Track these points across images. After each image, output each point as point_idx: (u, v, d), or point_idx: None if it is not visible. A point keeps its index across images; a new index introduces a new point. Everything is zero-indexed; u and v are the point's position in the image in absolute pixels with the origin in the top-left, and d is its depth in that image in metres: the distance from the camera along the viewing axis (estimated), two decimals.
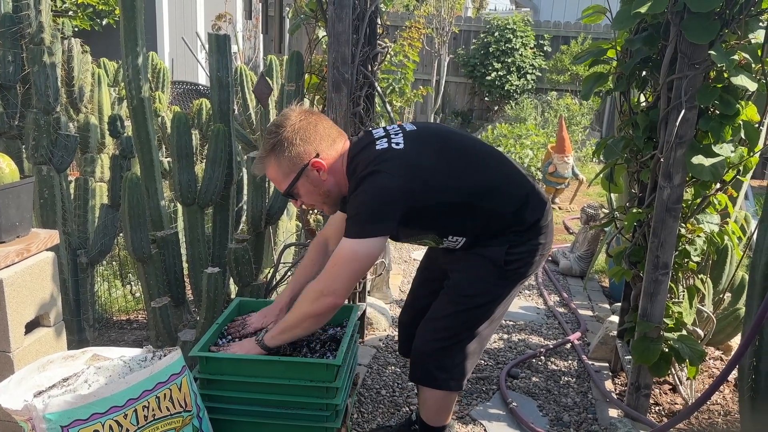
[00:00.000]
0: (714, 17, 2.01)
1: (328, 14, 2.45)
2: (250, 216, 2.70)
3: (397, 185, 1.71)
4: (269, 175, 1.85)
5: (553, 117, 8.20)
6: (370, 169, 1.73)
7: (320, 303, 1.75)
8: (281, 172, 1.80)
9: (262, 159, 1.83)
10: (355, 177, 1.77)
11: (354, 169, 1.80)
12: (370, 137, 1.85)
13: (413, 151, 1.79)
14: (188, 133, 2.60)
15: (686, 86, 2.05)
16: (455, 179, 1.80)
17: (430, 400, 2.01)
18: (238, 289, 2.60)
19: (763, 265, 1.98)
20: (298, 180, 1.80)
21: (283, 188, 1.83)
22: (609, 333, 2.94)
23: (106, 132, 3.48)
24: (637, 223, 2.43)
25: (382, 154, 1.77)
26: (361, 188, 1.73)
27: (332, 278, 1.74)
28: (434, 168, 1.78)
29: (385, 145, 1.79)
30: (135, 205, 2.48)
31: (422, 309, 2.04)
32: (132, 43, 2.55)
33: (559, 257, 4.42)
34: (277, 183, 1.85)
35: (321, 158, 1.79)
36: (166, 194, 3.11)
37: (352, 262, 1.72)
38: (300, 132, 1.78)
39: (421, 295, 2.15)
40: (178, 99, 6.88)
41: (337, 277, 1.74)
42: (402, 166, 1.74)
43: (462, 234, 1.87)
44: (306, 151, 1.79)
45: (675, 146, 2.11)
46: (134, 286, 3.41)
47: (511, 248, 1.86)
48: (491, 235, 1.87)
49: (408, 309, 2.21)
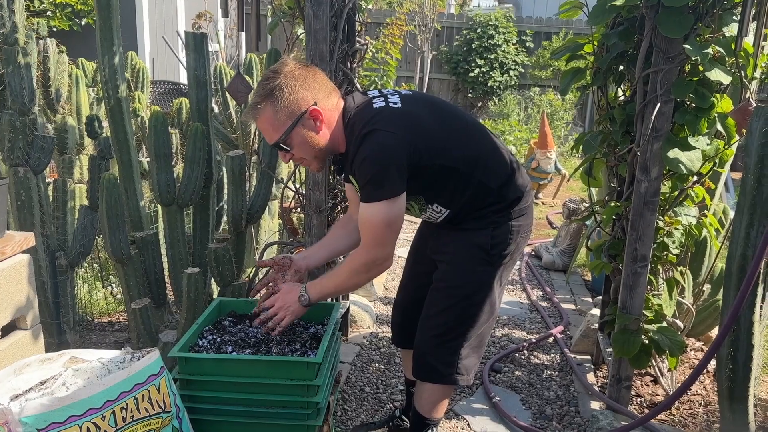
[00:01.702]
0: (688, 11, 2.03)
1: (306, 12, 2.44)
2: (231, 215, 2.69)
3: (399, 142, 1.70)
4: (261, 125, 1.76)
5: (536, 113, 8.23)
6: (369, 128, 1.71)
7: (375, 272, 1.82)
8: (276, 120, 1.73)
9: (255, 106, 1.74)
10: (354, 136, 1.74)
11: (351, 127, 1.77)
12: (366, 96, 1.85)
13: (411, 111, 1.79)
14: (166, 133, 2.58)
15: (662, 80, 2.07)
16: (450, 142, 1.81)
17: (427, 393, 2.01)
18: (220, 289, 2.59)
19: (739, 256, 2.00)
20: (293, 129, 1.73)
21: (276, 138, 1.75)
22: (591, 326, 2.96)
23: (85, 133, 3.44)
24: (615, 216, 2.45)
25: (380, 112, 1.76)
26: (363, 150, 1.70)
27: (379, 245, 1.76)
28: (431, 128, 1.79)
29: (383, 103, 1.79)
30: (113, 206, 2.46)
31: (415, 303, 2.05)
32: (108, 43, 2.53)
33: (542, 252, 4.44)
34: (269, 132, 1.76)
35: (318, 108, 1.75)
36: (146, 194, 3.08)
37: (390, 225, 1.73)
38: (299, 78, 1.73)
39: (412, 289, 2.14)
40: (159, 99, 6.83)
41: (383, 243, 1.76)
42: (401, 123, 1.74)
43: (447, 206, 1.86)
44: (304, 98, 1.73)
45: (651, 140, 2.12)
46: (115, 288, 3.38)
47: (494, 230, 1.88)
48: (474, 210, 1.86)
49: (399, 306, 2.20)
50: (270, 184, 2.85)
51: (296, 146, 1.77)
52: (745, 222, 1.97)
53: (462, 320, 1.92)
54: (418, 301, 2.04)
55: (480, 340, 1.97)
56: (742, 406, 2.06)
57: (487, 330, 1.99)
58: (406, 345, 2.16)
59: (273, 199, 3.43)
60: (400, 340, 2.22)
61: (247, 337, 2.01)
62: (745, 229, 1.97)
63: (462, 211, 1.87)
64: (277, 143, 1.76)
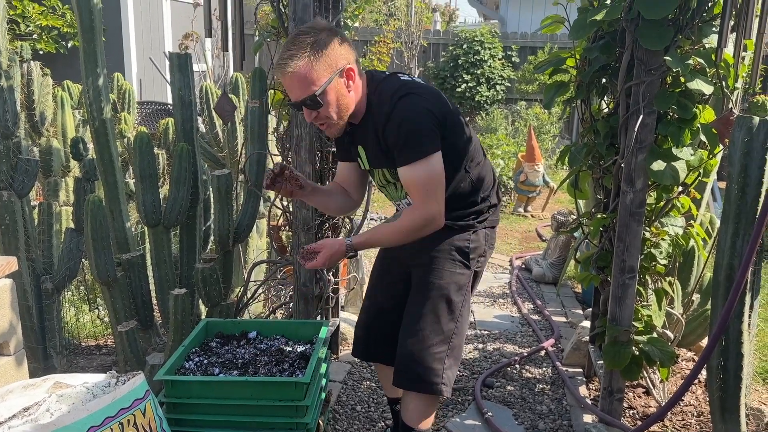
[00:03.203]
0: (668, 24, 2.05)
1: (289, 31, 2.45)
2: (218, 234, 2.67)
3: (432, 107, 1.77)
4: (295, 78, 1.71)
5: (523, 126, 8.28)
6: (404, 92, 1.77)
7: (429, 229, 1.81)
8: (314, 73, 1.70)
9: (293, 56, 1.69)
10: (385, 101, 1.78)
11: (379, 94, 1.81)
12: (390, 73, 1.92)
13: (438, 91, 1.89)
14: (151, 154, 2.57)
15: (644, 92, 2.09)
16: (462, 134, 1.88)
17: (413, 403, 1.98)
18: (208, 310, 2.56)
19: (726, 265, 2.00)
20: (330, 83, 1.72)
21: (312, 90, 1.71)
22: (581, 339, 2.95)
23: (70, 155, 3.43)
24: (602, 228, 2.45)
25: (412, 81, 1.83)
26: (400, 111, 1.74)
27: (433, 200, 1.78)
28: (453, 111, 1.87)
29: (408, 78, 1.86)
30: (98, 228, 2.44)
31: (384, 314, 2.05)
32: (92, 65, 2.52)
33: (533, 265, 4.44)
34: (304, 85, 1.71)
35: (353, 68, 1.77)
36: (132, 216, 3.06)
37: (436, 180, 1.77)
38: (337, 37, 1.74)
39: (382, 299, 2.11)
40: (146, 119, 6.82)
41: (437, 198, 1.79)
42: (433, 93, 1.83)
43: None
44: (343, 56, 1.74)
45: (635, 151, 2.13)
46: (102, 311, 3.35)
47: (473, 233, 1.94)
48: (453, 210, 1.89)
49: (366, 318, 2.17)
50: (257, 203, 2.84)
51: (327, 103, 1.75)
52: (731, 231, 1.98)
53: (443, 324, 1.91)
54: (388, 312, 2.04)
55: (460, 350, 1.98)
56: (734, 416, 2.05)
57: (464, 339, 2.01)
58: (372, 357, 2.18)
59: (261, 217, 3.41)
60: (364, 352, 2.18)
61: (234, 358, 1.99)
62: (731, 239, 1.98)
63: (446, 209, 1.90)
64: (312, 95, 1.72)
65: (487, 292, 4.13)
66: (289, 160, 2.67)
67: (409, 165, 1.75)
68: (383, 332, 2.05)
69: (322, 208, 2.08)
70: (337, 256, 1.86)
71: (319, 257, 1.84)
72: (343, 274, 3.32)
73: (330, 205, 2.06)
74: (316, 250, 1.86)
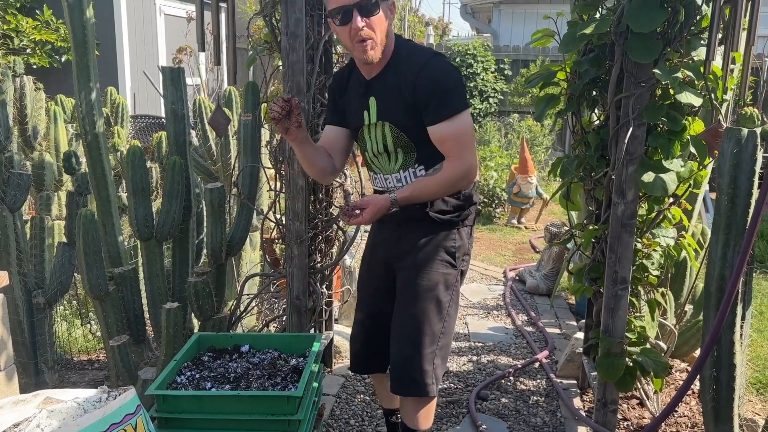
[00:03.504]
0: (656, 37, 2.07)
1: (282, 45, 2.47)
2: (210, 248, 2.67)
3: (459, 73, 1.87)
4: None
5: (516, 139, 8.32)
6: (435, 52, 1.87)
7: (468, 180, 1.86)
8: None
9: None
10: (419, 54, 1.85)
11: (410, 48, 1.88)
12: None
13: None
14: (144, 167, 2.57)
15: (633, 104, 2.10)
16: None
17: (411, 406, 1.98)
18: (200, 324, 2.55)
19: (717, 276, 2.01)
20: (383, 1, 1.80)
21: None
22: (575, 350, 2.95)
23: (62, 169, 3.42)
24: (594, 239, 2.46)
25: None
26: (436, 65, 1.82)
27: (470, 153, 1.84)
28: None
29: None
30: (90, 242, 2.43)
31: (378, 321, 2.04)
32: (84, 79, 2.53)
33: (526, 276, 4.44)
34: None
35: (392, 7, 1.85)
36: (125, 229, 3.05)
37: (471, 134, 1.85)
38: None
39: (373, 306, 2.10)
40: (140, 133, 6.82)
41: (473, 150, 1.85)
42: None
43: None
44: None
45: (626, 163, 2.15)
46: (94, 325, 3.33)
47: (458, 232, 1.96)
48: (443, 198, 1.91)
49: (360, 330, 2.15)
50: (250, 216, 2.84)
51: (377, 18, 1.78)
52: (722, 242, 1.99)
53: (433, 325, 1.92)
54: (382, 322, 2.02)
55: (448, 348, 2.00)
56: (727, 426, 2.05)
57: (452, 337, 2.02)
58: (372, 370, 2.16)
59: (254, 230, 3.41)
60: (365, 367, 2.17)
61: (226, 372, 1.98)
62: (721, 249, 1.99)
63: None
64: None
65: (481, 303, 4.13)
66: (282, 172, 2.68)
67: (448, 120, 1.79)
68: (380, 343, 2.04)
69: (306, 163, 2.00)
70: (382, 212, 1.83)
71: (366, 213, 1.81)
72: (336, 286, 3.32)
73: (315, 161, 1.98)
74: (361, 207, 1.82)
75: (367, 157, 2.01)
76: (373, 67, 1.86)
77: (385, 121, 1.89)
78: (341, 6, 1.76)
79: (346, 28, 1.78)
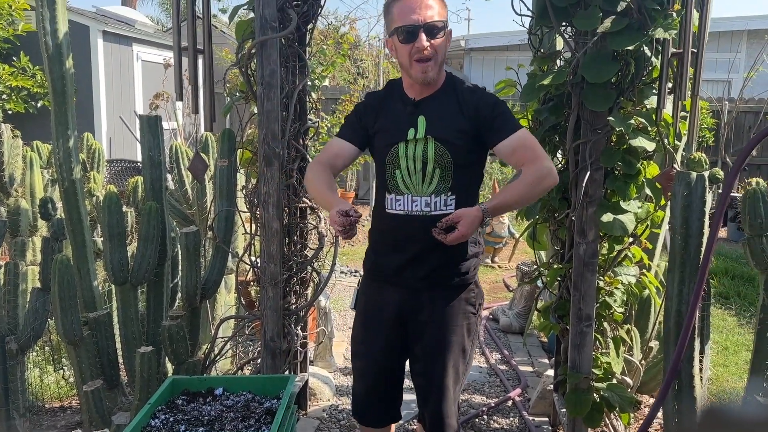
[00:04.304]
0: (610, 87, 2.21)
1: (258, 94, 2.56)
2: (185, 291, 2.70)
3: None
4: (435, 5, 1.87)
5: (488, 179, 8.49)
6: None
7: (550, 179, 1.86)
8: (444, 8, 1.92)
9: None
10: (462, 82, 1.98)
11: (451, 76, 1.99)
12: None
13: None
14: (120, 212, 2.61)
15: (591, 149, 2.22)
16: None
17: None
18: (174, 367, 2.57)
19: (675, 312, 2.11)
20: (447, 25, 1.91)
21: (443, 16, 1.89)
22: (547, 387, 3.01)
23: (38, 214, 3.44)
24: (560, 278, 2.55)
25: None
26: (489, 93, 1.97)
27: (542, 153, 1.89)
28: None
29: None
30: (65, 287, 2.45)
31: (389, 373, 2.10)
32: (63, 127, 2.59)
33: (500, 315, 4.51)
34: (440, 7, 1.89)
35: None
36: (100, 274, 3.07)
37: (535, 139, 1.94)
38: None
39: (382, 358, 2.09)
40: (116, 177, 6.85)
41: (544, 152, 1.92)
42: None
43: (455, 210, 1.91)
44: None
45: (586, 205, 2.25)
46: (67, 371, 3.30)
47: (475, 282, 2.06)
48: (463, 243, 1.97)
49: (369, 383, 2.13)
50: (225, 259, 2.88)
51: (441, 40, 1.88)
52: (677, 279, 2.09)
53: (460, 373, 2.03)
54: (391, 371, 2.09)
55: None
56: None
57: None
58: (385, 423, 2.18)
59: (229, 273, 3.45)
60: (378, 420, 2.17)
61: (200, 415, 2.00)
62: (677, 286, 2.09)
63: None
64: (444, 20, 1.88)
65: None
66: (257, 215, 2.74)
67: (513, 133, 1.87)
68: (392, 395, 2.12)
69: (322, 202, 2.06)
70: (477, 223, 1.80)
71: (461, 227, 1.77)
72: (311, 328, 3.35)
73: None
74: (454, 221, 1.79)
75: (398, 177, 1.95)
76: (425, 88, 1.93)
77: (432, 137, 1.91)
78: (409, 25, 1.84)
79: (408, 47, 1.86)
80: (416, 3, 1.84)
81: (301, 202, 2.82)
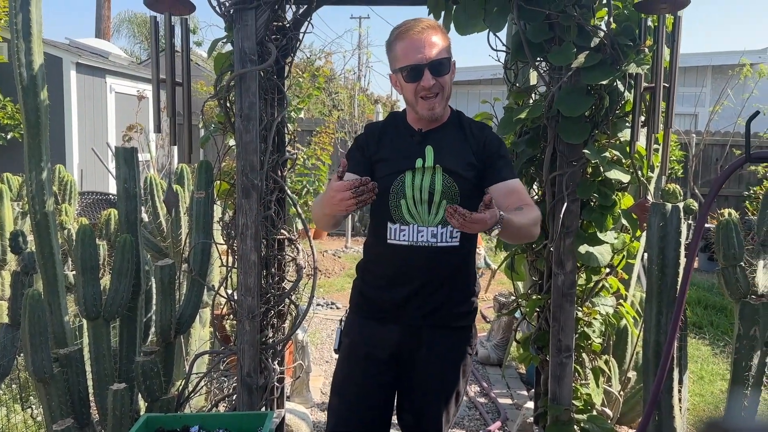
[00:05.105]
0: (585, 120, 2.25)
1: (236, 126, 2.55)
2: (159, 326, 2.64)
3: None
4: (441, 36, 1.88)
5: None
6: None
7: (539, 225, 1.90)
8: (449, 45, 1.91)
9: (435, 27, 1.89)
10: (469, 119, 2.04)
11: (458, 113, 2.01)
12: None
13: None
14: (94, 246, 2.56)
15: (567, 181, 2.26)
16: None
17: None
18: (148, 405, 2.49)
19: (653, 342, 2.12)
20: (452, 59, 1.91)
21: (448, 54, 1.89)
22: (527, 420, 2.99)
23: (8, 248, 3.36)
24: (539, 308, 2.56)
25: None
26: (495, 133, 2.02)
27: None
28: None
29: None
30: (36, 323, 2.38)
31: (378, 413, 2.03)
32: (36, 159, 2.54)
33: (477, 347, 4.50)
34: (446, 45, 1.89)
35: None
36: (71, 309, 3.00)
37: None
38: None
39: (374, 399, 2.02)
40: (87, 209, 6.74)
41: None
42: None
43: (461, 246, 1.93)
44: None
45: (563, 236, 2.28)
46: (36, 409, 3.19)
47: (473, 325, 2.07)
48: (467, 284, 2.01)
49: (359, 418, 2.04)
50: (201, 292, 2.83)
51: (448, 76, 1.89)
52: (655, 310, 2.11)
53: (451, 414, 2.02)
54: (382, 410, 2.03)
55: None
56: None
57: None
58: None
59: (204, 306, 3.39)
60: None
61: None
62: (655, 317, 2.11)
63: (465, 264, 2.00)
64: (449, 58, 1.89)
65: None
66: (234, 248, 2.71)
67: (515, 179, 1.93)
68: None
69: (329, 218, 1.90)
70: (493, 221, 1.66)
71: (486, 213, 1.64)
72: (288, 362, 3.30)
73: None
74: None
75: (403, 206, 1.90)
76: (431, 121, 1.94)
77: (441, 167, 1.89)
78: (413, 65, 1.83)
79: (413, 85, 1.85)
80: (419, 42, 1.83)
81: (279, 233, 2.80)
